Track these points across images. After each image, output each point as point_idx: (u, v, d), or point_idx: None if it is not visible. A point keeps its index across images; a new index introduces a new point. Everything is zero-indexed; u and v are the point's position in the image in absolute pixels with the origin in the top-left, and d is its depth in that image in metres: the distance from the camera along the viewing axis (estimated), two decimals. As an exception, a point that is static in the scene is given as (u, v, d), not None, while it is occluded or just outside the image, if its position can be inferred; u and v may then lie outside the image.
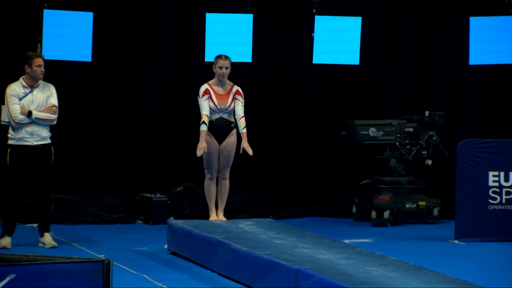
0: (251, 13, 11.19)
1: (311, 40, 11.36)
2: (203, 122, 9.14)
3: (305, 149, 12.35)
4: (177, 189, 11.53)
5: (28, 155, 9.34)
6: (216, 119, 9.25)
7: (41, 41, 10.61)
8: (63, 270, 5.82)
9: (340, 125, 11.91)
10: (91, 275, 5.80)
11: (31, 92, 9.40)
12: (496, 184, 10.14)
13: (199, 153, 9.22)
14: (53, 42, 10.74)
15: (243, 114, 9.26)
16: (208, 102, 9.18)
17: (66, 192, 11.41)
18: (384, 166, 11.74)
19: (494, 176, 10.20)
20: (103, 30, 11.36)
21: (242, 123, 9.27)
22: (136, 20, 11.70)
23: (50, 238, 9.47)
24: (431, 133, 11.45)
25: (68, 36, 10.84)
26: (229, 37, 11.28)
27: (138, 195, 11.58)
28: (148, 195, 11.43)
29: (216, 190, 9.55)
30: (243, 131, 9.32)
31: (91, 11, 10.86)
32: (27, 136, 9.38)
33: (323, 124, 12.38)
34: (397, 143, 11.71)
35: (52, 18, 10.79)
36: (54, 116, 9.42)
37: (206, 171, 9.40)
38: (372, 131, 11.67)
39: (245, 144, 9.25)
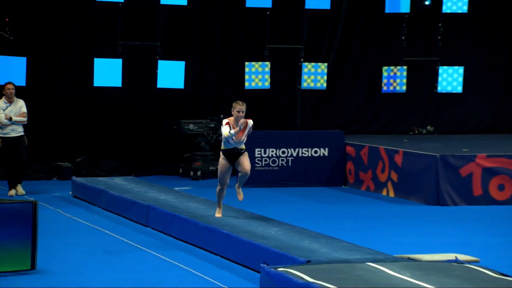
0: (121, 58, 13.31)
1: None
2: (229, 132, 8.67)
3: (156, 137, 14.34)
4: (78, 160, 13.89)
5: (12, 142, 11.39)
6: (231, 149, 8.89)
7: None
8: (1, 209, 6.16)
9: (173, 123, 14.09)
10: (24, 211, 6.32)
11: (10, 105, 11.42)
12: (259, 155, 12.91)
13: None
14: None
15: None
16: (229, 127, 8.70)
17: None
18: (198, 146, 13.93)
19: (258, 151, 13.03)
20: (33, 67, 13.29)
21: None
22: (51, 58, 13.85)
23: (21, 188, 11.64)
24: (224, 127, 12.80)
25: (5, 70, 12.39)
26: (109, 70, 13.09)
27: (54, 163, 13.90)
28: (60, 163, 13.85)
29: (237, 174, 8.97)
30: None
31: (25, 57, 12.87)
32: (10, 131, 11.38)
33: (163, 122, 14.55)
34: (205, 133, 13.94)
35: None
36: (25, 119, 11.52)
37: (218, 183, 9.07)
38: (191, 126, 13.77)
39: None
